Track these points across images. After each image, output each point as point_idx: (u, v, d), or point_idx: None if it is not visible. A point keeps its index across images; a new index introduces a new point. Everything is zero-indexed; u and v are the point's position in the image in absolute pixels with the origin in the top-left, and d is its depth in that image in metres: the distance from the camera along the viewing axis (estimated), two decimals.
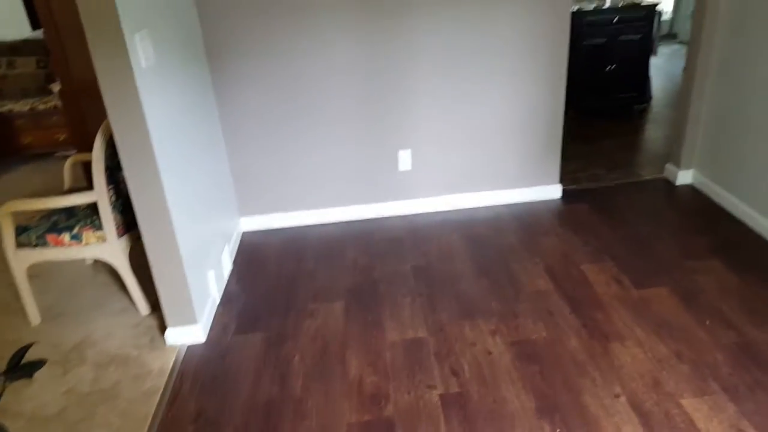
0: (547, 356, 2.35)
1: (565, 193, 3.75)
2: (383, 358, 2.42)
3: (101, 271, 3.23)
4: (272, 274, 3.10)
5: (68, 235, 2.58)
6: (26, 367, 1.43)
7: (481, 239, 3.28)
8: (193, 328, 2.58)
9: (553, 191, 3.72)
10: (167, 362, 2.49)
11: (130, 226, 2.69)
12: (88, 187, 2.59)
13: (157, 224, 2.35)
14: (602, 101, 5.14)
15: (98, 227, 2.58)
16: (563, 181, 3.83)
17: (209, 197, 2.96)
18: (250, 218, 3.58)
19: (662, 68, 6.51)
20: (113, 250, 2.61)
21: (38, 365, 1.45)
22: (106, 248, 2.61)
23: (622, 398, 2.12)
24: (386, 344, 2.50)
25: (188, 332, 2.59)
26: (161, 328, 2.70)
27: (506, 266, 3.00)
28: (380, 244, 3.32)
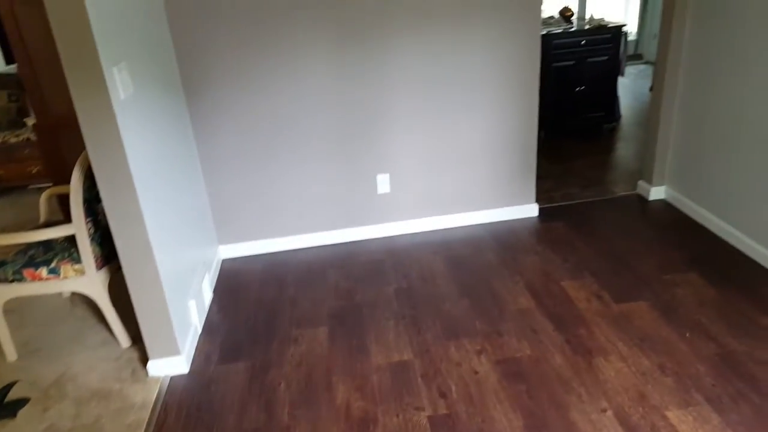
0: (533, 374, 2.37)
1: (541, 211, 3.81)
2: (370, 382, 2.42)
3: (79, 303, 3.17)
4: (253, 301, 3.08)
5: (46, 269, 2.53)
6: (9, 406, 1.40)
7: (461, 259, 3.31)
8: (175, 359, 2.55)
9: (529, 210, 3.78)
10: (150, 395, 2.44)
11: (108, 257, 2.66)
12: (65, 219, 2.56)
13: (137, 255, 2.32)
14: (573, 121, 5.25)
15: (77, 260, 2.54)
16: (539, 199, 3.89)
17: (189, 226, 2.94)
18: (229, 246, 3.56)
19: (629, 87, 6.69)
20: (92, 282, 2.57)
21: (21, 404, 1.43)
22: (84, 281, 2.57)
23: (608, 413, 2.14)
24: (372, 368, 2.50)
25: (171, 363, 2.55)
26: (143, 360, 2.65)
27: (488, 285, 3.02)
28: (361, 267, 3.33)
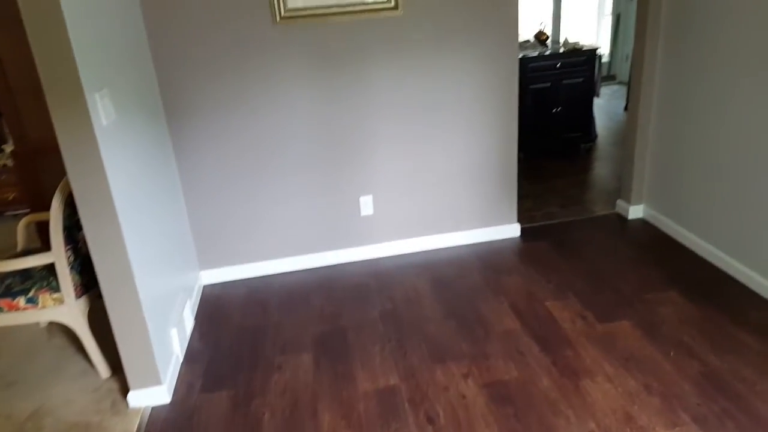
0: (520, 397, 2.36)
1: (523, 231, 3.83)
2: (356, 409, 2.39)
3: (57, 333, 3.10)
4: (236, 327, 3.04)
5: (23, 298, 2.47)
6: None
7: (446, 280, 3.31)
8: (157, 389, 2.49)
9: (512, 230, 3.80)
10: (131, 426, 2.38)
11: (88, 285, 2.60)
12: (43, 247, 2.51)
13: (119, 283, 2.28)
14: (550, 142, 5.32)
15: (55, 289, 2.48)
16: (521, 219, 3.92)
17: (170, 252, 2.90)
18: (210, 271, 3.52)
19: (604, 108, 6.81)
20: (71, 312, 2.52)
21: None
22: (63, 310, 2.51)
23: None
24: (358, 395, 2.47)
25: (152, 394, 2.49)
26: (123, 391, 2.58)
27: (473, 307, 3.02)
28: (345, 290, 3.31)
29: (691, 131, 3.31)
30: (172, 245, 2.94)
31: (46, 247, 2.41)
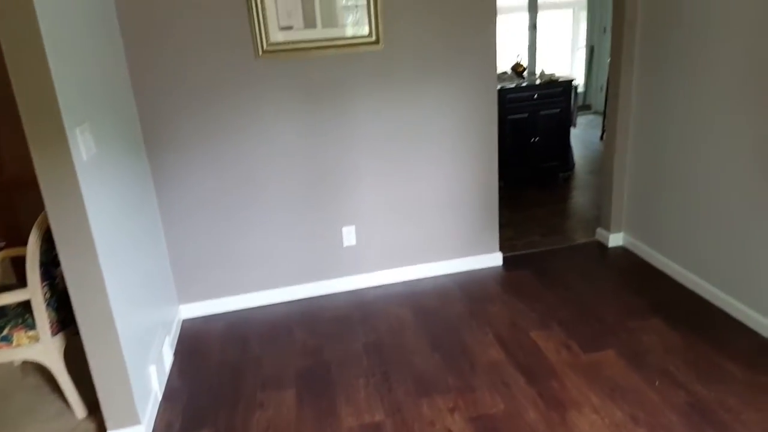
0: (507, 430, 2.33)
1: (505, 260, 3.84)
2: None
3: (31, 372, 3.00)
4: (216, 363, 2.97)
5: None
6: None
7: (429, 311, 3.29)
8: (135, 429, 2.41)
9: (494, 259, 3.81)
10: None
11: (65, 322, 2.53)
12: (19, 284, 2.44)
13: (97, 320, 2.22)
14: (529, 171, 5.38)
15: (31, 326, 2.41)
16: (503, 248, 3.93)
17: (149, 288, 2.84)
18: (190, 305, 3.45)
19: (580, 137, 6.92)
20: (47, 350, 2.44)
21: None
22: (39, 348, 2.43)
23: None
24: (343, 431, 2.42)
25: None
26: (100, 431, 2.51)
27: (458, 338, 3.00)
28: (328, 322, 3.27)
29: (667, 160, 3.37)
30: (151, 280, 2.89)
31: (21, 283, 2.35)
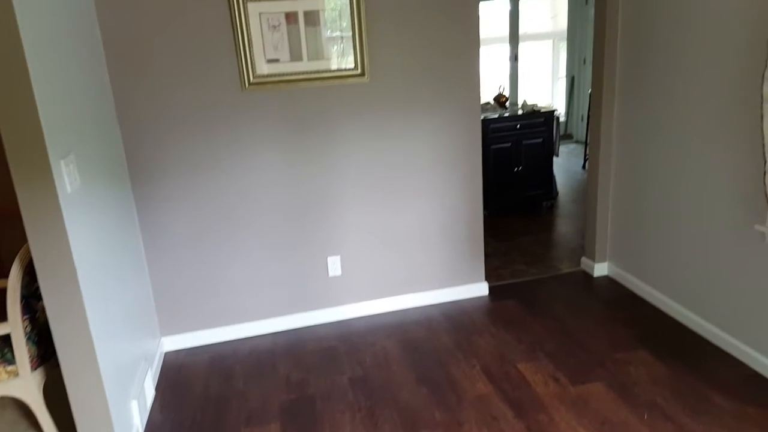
0: None
1: (491, 290, 3.84)
2: None
3: (8, 406, 2.90)
4: (199, 397, 2.91)
5: None
6: None
7: (416, 343, 3.26)
8: None
9: (480, 289, 3.80)
10: None
11: (45, 357, 2.47)
12: None
13: (78, 355, 2.17)
14: (513, 199, 5.42)
15: (10, 361, 2.34)
16: (488, 277, 3.94)
17: (132, 320, 2.78)
18: (173, 337, 3.39)
19: (563, 166, 7.00)
20: (26, 385, 2.37)
21: None
22: (18, 384, 2.36)
23: None
24: None
25: None
26: None
27: (444, 370, 2.98)
28: (313, 354, 3.22)
29: (649, 190, 3.41)
30: (134, 312, 2.83)
31: (2, 317, 2.29)
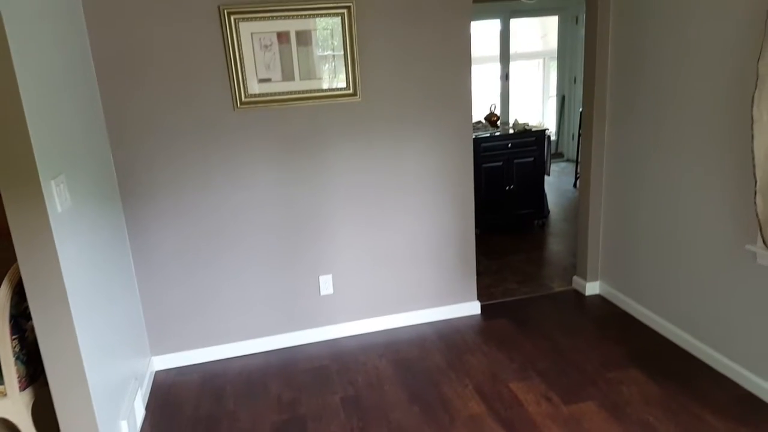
0: None
1: (483, 308, 3.84)
2: None
3: None
4: (189, 418, 2.88)
5: None
6: None
7: (408, 362, 3.25)
8: None
9: (472, 308, 3.80)
10: None
11: (34, 376, 2.44)
12: None
13: (68, 375, 2.15)
14: (504, 218, 5.44)
15: None
16: (480, 296, 3.94)
17: (122, 340, 2.76)
18: (163, 356, 3.36)
19: (554, 185, 7.05)
20: (15, 406, 2.34)
21: None
22: (6, 404, 2.33)
23: None
24: None
25: None
26: None
27: (437, 390, 2.96)
28: (305, 374, 3.20)
29: (640, 209, 3.44)
30: (124, 332, 2.81)
31: None
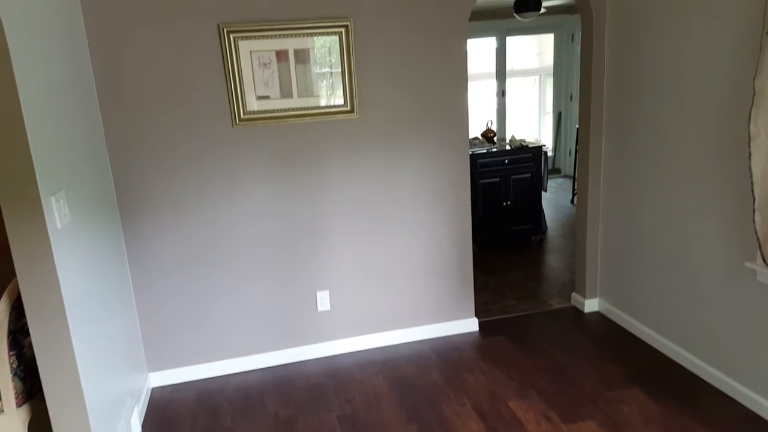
0: None
1: (481, 325, 3.82)
2: None
3: None
4: None
5: None
6: None
7: (405, 380, 3.23)
8: None
9: (470, 324, 3.78)
10: None
11: (31, 392, 2.41)
12: None
13: (65, 392, 2.13)
14: (502, 234, 5.45)
15: None
16: (478, 313, 3.92)
17: (119, 356, 2.74)
18: (160, 373, 3.33)
19: (551, 200, 7.06)
20: (12, 422, 2.30)
21: None
22: (3, 421, 2.29)
23: None
24: None
25: None
26: None
27: (435, 409, 2.94)
28: (302, 391, 3.18)
29: (639, 226, 3.44)
30: (121, 348, 2.79)
31: None
